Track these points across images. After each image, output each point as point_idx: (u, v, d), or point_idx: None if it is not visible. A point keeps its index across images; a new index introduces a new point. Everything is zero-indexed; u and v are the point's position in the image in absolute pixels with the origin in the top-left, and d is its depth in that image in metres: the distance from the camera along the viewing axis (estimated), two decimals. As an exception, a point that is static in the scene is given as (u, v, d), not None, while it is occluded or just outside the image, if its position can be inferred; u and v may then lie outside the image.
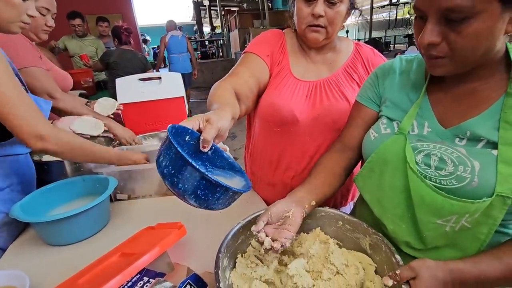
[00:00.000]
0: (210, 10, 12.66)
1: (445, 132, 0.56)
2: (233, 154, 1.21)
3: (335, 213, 0.67)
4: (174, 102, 1.64)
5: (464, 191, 0.51)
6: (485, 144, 0.52)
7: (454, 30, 0.46)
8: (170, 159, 0.45)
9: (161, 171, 0.47)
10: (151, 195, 1.03)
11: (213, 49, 10.50)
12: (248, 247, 0.66)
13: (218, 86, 0.78)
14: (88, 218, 0.80)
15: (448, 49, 0.48)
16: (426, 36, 0.48)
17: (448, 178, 0.53)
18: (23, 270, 0.60)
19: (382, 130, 0.64)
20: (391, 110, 0.65)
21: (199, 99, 7.13)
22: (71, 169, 1.03)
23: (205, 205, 0.48)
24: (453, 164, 0.53)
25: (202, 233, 0.82)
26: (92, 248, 0.79)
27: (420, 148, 0.57)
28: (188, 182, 0.45)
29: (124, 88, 1.59)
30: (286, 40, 0.92)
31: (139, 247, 0.67)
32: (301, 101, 0.86)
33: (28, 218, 0.74)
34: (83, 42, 3.23)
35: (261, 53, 0.87)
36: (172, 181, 0.45)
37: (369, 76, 0.74)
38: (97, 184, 0.92)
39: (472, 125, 0.53)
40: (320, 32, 0.82)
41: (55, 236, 0.79)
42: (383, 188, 0.63)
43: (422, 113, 0.60)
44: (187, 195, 0.46)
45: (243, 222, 0.64)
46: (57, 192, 0.91)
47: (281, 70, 0.88)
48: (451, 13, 0.45)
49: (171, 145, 0.44)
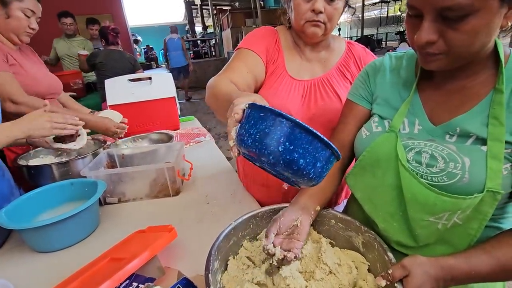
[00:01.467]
0: (202, 9, 12.58)
1: (435, 129, 0.56)
2: (226, 154, 1.20)
3: (327, 212, 0.67)
4: (165, 103, 1.62)
5: (456, 187, 0.51)
6: (475, 140, 0.52)
7: (452, 27, 0.45)
8: (281, 132, 0.39)
9: (274, 153, 0.39)
10: (141, 198, 1.01)
11: (206, 48, 10.44)
12: (240, 249, 0.65)
13: (219, 81, 0.74)
14: (77, 223, 0.78)
15: (444, 46, 0.47)
16: (423, 34, 0.47)
17: (439, 175, 0.53)
18: (8, 278, 0.58)
19: (373, 128, 0.64)
20: (382, 108, 0.65)
21: (193, 99, 7.09)
22: (59, 173, 1.01)
23: (318, 179, 0.42)
24: (444, 161, 0.53)
25: (193, 235, 0.81)
26: (81, 254, 0.77)
27: (411, 146, 0.57)
28: (310, 154, 0.39)
29: (114, 89, 1.56)
30: (280, 38, 0.91)
31: (129, 252, 0.65)
32: (297, 101, 0.86)
33: (14, 225, 0.72)
34: (71, 42, 3.18)
35: (257, 49, 0.85)
36: (292, 158, 0.39)
37: (360, 74, 0.73)
38: (86, 188, 0.90)
39: (462, 121, 0.53)
40: (320, 27, 0.82)
41: (42, 242, 0.76)
42: (374, 186, 0.63)
43: (413, 110, 0.59)
44: (308, 169, 0.40)
45: (235, 224, 0.63)
46: (44, 197, 0.88)
47: (276, 68, 0.87)
48: (449, 12, 0.44)
49: (274, 116, 0.39)
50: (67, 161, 1.03)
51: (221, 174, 1.17)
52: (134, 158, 1.17)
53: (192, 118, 1.99)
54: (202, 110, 5.92)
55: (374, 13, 19.16)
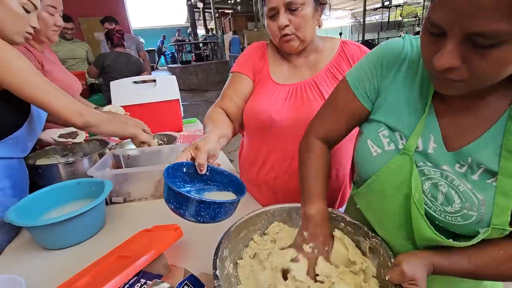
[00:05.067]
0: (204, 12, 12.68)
1: (447, 155, 0.51)
2: (228, 156, 1.23)
3: (337, 214, 0.67)
4: (169, 105, 1.64)
5: (468, 228, 0.49)
6: (484, 171, 0.48)
7: (478, 53, 0.38)
8: (172, 196, 0.54)
9: (170, 207, 0.55)
10: (146, 198, 1.03)
11: (207, 51, 10.51)
12: (250, 242, 0.67)
13: (211, 111, 0.89)
14: (84, 222, 0.80)
15: (467, 73, 0.41)
16: (445, 59, 0.40)
17: (454, 215, 0.50)
18: (19, 274, 0.60)
19: (385, 146, 0.56)
20: (392, 116, 0.56)
21: (194, 102, 7.11)
22: (66, 172, 1.03)
23: (212, 221, 0.55)
24: (460, 200, 0.49)
25: (198, 234, 0.82)
26: (88, 251, 0.79)
27: (428, 174, 0.52)
28: (191, 209, 0.53)
29: (119, 91, 1.59)
30: (268, 50, 0.95)
31: (136, 250, 0.67)
32: (279, 104, 0.87)
33: (23, 222, 0.74)
34: (74, 44, 3.21)
35: (244, 70, 0.93)
36: (181, 212, 0.54)
37: (371, 60, 0.60)
38: (93, 188, 0.92)
39: (473, 150, 0.48)
40: (292, 40, 0.84)
41: (50, 240, 0.78)
42: (383, 211, 0.59)
43: (428, 127, 0.53)
44: (195, 218, 0.54)
45: (246, 217, 0.66)
46: (52, 196, 0.90)
47: (261, 78, 0.92)
48: (481, 38, 0.37)
49: (168, 185, 0.53)
50: (74, 161, 1.05)
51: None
52: (139, 158, 1.19)
53: (195, 120, 2.02)
54: (203, 112, 5.89)
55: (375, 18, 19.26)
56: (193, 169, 0.62)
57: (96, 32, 4.97)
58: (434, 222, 0.52)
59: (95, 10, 5.04)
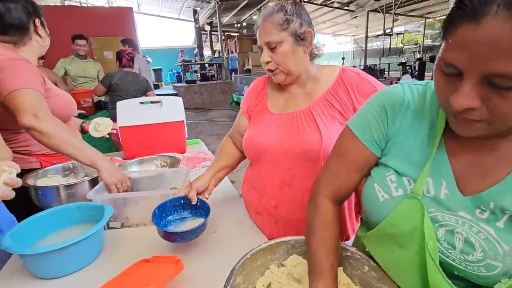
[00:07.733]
0: (211, 34, 13.12)
1: (464, 200, 0.47)
2: (229, 177, 1.23)
3: (361, 256, 0.62)
4: (174, 126, 1.64)
5: (495, 279, 0.45)
6: (510, 217, 0.44)
7: (499, 93, 0.37)
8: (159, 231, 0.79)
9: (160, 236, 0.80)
10: (145, 223, 1.00)
11: (212, 71, 10.77)
12: (266, 271, 0.65)
13: (223, 142, 1.10)
14: (81, 249, 0.77)
15: (487, 113, 0.39)
16: (463, 100, 0.38)
17: (476, 265, 0.45)
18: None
19: (392, 191, 0.53)
20: (399, 161, 0.54)
21: (198, 121, 7.17)
22: (65, 195, 1.01)
23: (184, 241, 0.81)
24: (482, 249, 0.45)
25: (199, 266, 0.78)
26: (83, 281, 0.75)
27: (441, 221, 0.48)
28: (171, 237, 0.78)
29: (125, 111, 1.60)
30: (269, 82, 1.01)
31: (134, 284, 0.63)
32: (274, 133, 0.89)
33: (18, 250, 0.71)
34: (85, 63, 3.29)
35: (242, 107, 1.05)
36: (169, 239, 0.79)
37: (372, 106, 0.58)
38: (92, 212, 0.89)
39: (496, 195, 0.45)
40: (278, 74, 0.89)
41: (44, 269, 0.74)
42: (395, 260, 0.54)
43: (439, 169, 0.50)
44: (171, 241, 0.80)
45: (264, 245, 0.64)
46: (50, 219, 0.87)
47: (258, 110, 0.98)
48: (501, 79, 0.35)
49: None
50: (74, 183, 1.03)
51: (226, 201, 1.16)
52: (140, 181, 1.17)
53: (198, 142, 2.01)
54: (206, 132, 5.98)
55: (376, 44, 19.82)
56: (188, 201, 0.90)
57: (105, 51, 5.13)
58: (453, 272, 0.49)
59: (107, 30, 5.23)
